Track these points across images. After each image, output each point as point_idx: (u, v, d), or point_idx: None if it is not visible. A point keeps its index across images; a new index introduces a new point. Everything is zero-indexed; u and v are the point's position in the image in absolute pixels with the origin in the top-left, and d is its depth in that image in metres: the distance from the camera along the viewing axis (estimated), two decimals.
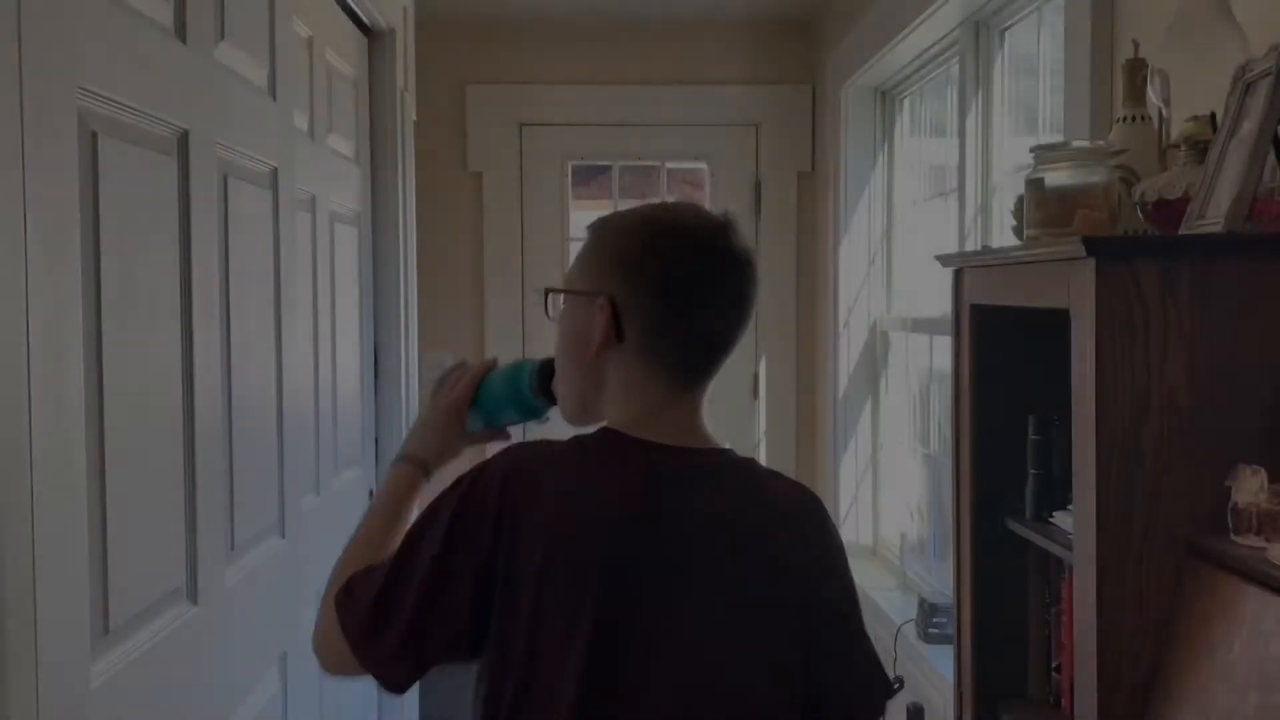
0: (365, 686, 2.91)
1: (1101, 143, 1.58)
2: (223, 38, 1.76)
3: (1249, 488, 1.26)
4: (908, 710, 3.03)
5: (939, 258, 1.97)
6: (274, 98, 2.01)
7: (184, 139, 1.59)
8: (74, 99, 1.27)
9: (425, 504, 1.28)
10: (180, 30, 1.60)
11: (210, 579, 1.66)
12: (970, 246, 3.01)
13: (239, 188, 1.81)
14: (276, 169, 2.01)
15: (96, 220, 1.33)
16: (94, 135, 1.33)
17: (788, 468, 4.60)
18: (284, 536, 2.06)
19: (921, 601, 3.23)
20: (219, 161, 1.72)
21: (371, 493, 2.99)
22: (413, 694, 3.23)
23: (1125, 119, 1.67)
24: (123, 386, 1.40)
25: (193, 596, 1.61)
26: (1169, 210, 1.46)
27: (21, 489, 1.13)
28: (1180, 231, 1.41)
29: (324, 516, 2.48)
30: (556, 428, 1.36)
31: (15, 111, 1.12)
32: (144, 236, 1.47)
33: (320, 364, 2.48)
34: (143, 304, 1.47)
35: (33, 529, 1.15)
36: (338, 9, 2.72)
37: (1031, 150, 1.59)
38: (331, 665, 1.27)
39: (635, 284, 1.24)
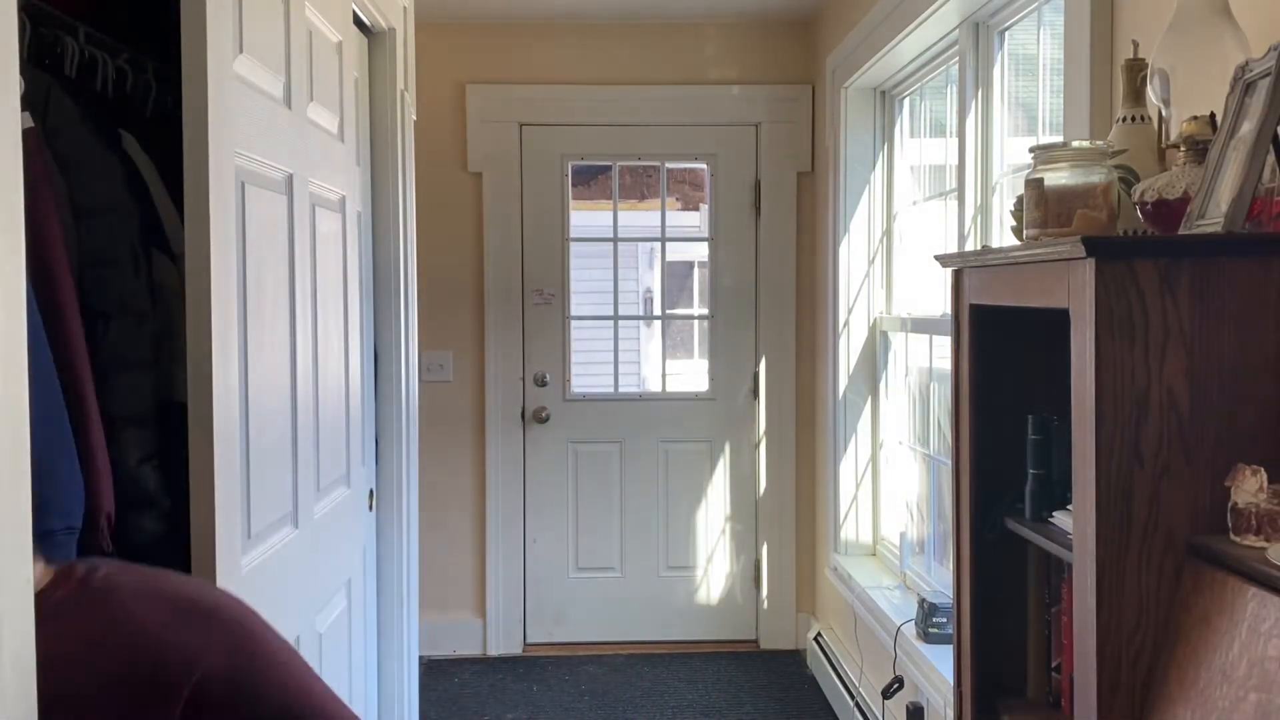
0: (365, 685, 2.91)
1: (1101, 143, 1.58)
2: (311, 99, 2.22)
3: (1249, 488, 1.26)
4: (908, 710, 3.03)
5: (939, 258, 1.97)
6: (342, 140, 2.49)
7: (289, 180, 2.05)
8: (233, 159, 1.75)
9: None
10: (287, 99, 2.06)
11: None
12: (970, 246, 3.01)
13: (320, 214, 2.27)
14: (344, 197, 2.48)
15: (243, 245, 1.79)
16: (242, 184, 1.79)
17: (788, 468, 4.62)
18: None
19: (921, 601, 3.23)
20: (310, 195, 2.17)
21: (372, 493, 2.99)
22: (413, 694, 3.22)
23: (1125, 119, 1.67)
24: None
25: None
26: (1169, 210, 1.46)
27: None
28: (1180, 231, 1.41)
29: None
30: None
31: (204, 173, 1.65)
32: (268, 254, 1.91)
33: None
34: (266, 311, 1.90)
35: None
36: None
37: (1031, 150, 1.59)
38: None
39: None
